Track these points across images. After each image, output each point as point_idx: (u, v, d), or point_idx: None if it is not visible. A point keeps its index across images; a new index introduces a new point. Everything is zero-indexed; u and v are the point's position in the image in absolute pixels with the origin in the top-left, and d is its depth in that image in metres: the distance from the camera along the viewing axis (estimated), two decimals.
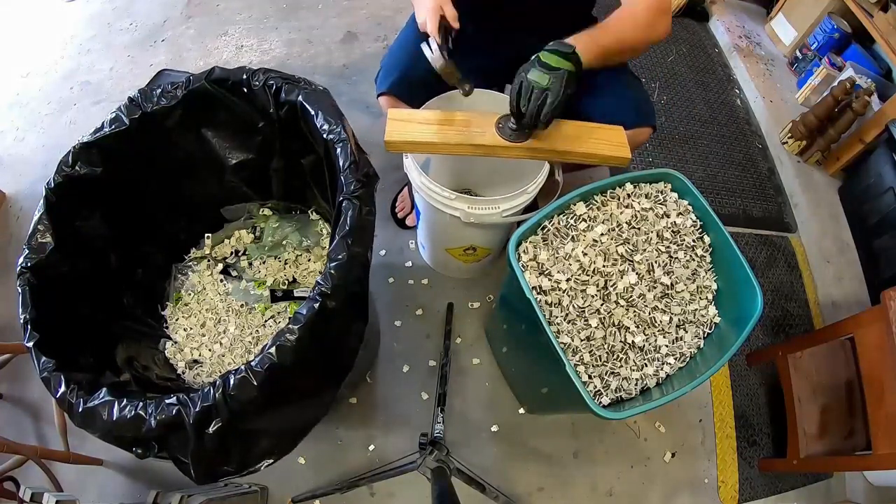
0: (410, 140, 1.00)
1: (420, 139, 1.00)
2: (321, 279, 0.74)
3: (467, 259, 1.37)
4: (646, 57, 2.14)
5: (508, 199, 1.06)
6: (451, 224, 1.13)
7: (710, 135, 1.97)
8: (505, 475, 1.31)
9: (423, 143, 1.01)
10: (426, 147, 1.02)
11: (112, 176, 0.97)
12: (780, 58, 2.20)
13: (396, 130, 1.01)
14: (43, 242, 0.87)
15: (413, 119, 1.03)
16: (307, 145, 1.00)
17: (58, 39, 2.06)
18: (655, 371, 0.91)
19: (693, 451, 1.40)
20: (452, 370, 1.38)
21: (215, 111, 1.02)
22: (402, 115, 1.03)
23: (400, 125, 1.02)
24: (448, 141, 1.01)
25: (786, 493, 1.39)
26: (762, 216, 1.81)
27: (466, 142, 1.01)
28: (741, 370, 1.52)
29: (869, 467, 1.21)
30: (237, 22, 2.10)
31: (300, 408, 0.85)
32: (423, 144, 1.01)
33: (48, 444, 1.29)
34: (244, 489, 1.19)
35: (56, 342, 0.81)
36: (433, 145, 1.01)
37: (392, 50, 1.21)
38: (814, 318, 1.63)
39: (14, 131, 1.84)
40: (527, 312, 0.89)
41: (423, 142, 1.01)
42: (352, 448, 1.31)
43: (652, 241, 0.96)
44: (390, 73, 1.15)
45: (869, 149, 1.70)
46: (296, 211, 1.28)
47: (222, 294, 1.21)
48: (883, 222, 1.61)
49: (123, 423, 0.71)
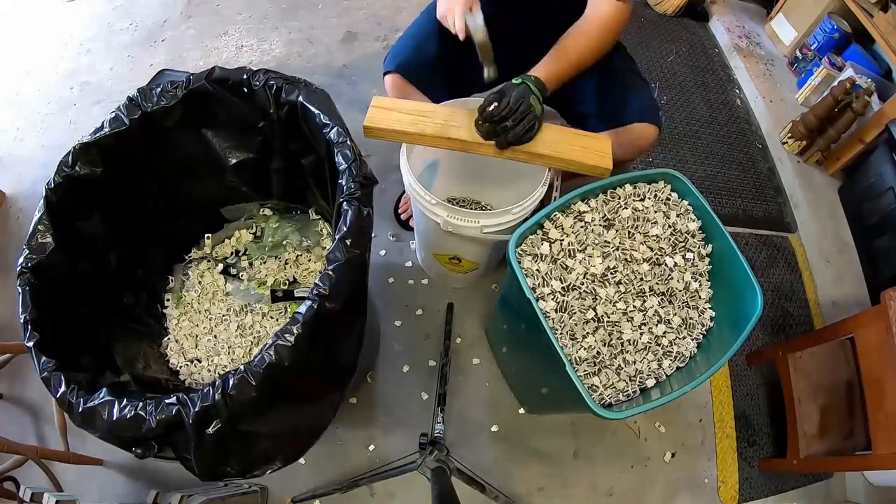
0: (388, 128, 1.01)
1: (398, 128, 1.01)
2: (320, 281, 0.74)
3: (453, 269, 1.36)
4: (646, 57, 2.14)
5: (490, 215, 1.04)
6: (434, 229, 1.12)
7: (710, 135, 1.97)
8: (505, 475, 1.31)
9: (401, 133, 1.01)
10: (403, 136, 1.02)
11: (112, 176, 0.97)
12: (780, 58, 2.20)
13: (377, 117, 1.02)
14: (43, 242, 0.87)
15: (395, 108, 1.04)
16: (307, 145, 1.00)
17: (58, 39, 2.06)
18: (655, 371, 0.91)
19: (693, 451, 1.40)
20: (452, 370, 1.38)
21: (215, 111, 1.02)
22: (385, 103, 1.04)
23: (381, 112, 1.02)
24: (424, 132, 1.01)
25: (786, 493, 1.39)
26: (762, 216, 1.81)
27: (442, 134, 1.01)
28: (741, 370, 1.52)
29: (869, 467, 1.21)
30: (237, 22, 2.10)
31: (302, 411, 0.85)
32: (400, 133, 1.02)
33: (48, 444, 1.29)
34: (244, 489, 1.19)
35: (56, 342, 0.81)
36: (410, 135, 1.02)
37: (406, 33, 1.22)
38: (814, 318, 1.63)
39: (14, 131, 1.84)
40: (527, 312, 0.89)
41: (400, 130, 1.01)
42: (352, 448, 1.31)
43: (651, 241, 0.96)
44: (400, 54, 1.16)
45: (869, 149, 1.70)
46: (296, 211, 1.28)
47: (222, 294, 1.21)
48: (883, 222, 1.61)
49: (123, 423, 0.71)
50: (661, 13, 2.30)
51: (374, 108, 1.03)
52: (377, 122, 1.01)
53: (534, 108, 0.95)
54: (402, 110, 1.03)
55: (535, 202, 1.07)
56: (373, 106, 1.03)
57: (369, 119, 1.01)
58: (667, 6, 2.28)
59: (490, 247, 1.25)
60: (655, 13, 2.32)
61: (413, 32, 1.20)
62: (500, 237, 1.09)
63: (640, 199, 0.99)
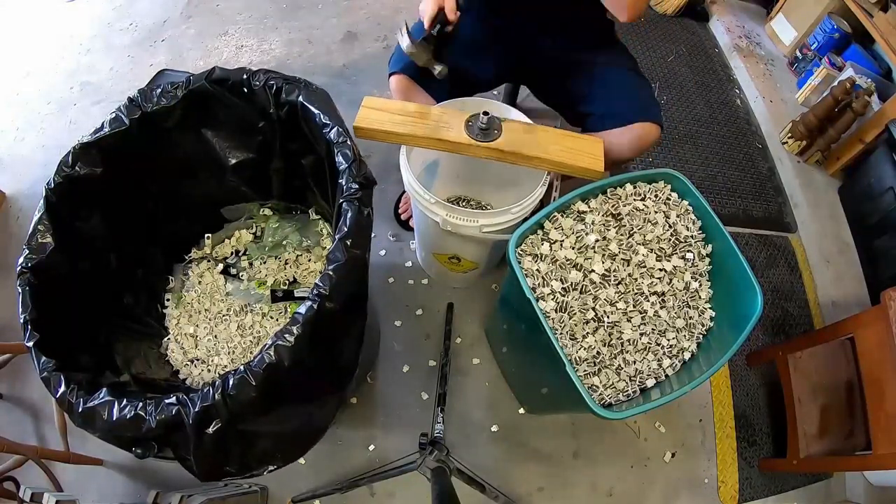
0: (379, 128, 1.02)
1: (388, 128, 1.02)
2: (320, 281, 0.74)
3: (453, 268, 1.36)
4: (646, 57, 2.14)
5: (489, 215, 1.05)
6: (433, 228, 1.12)
7: (710, 135, 1.97)
8: (505, 475, 1.31)
9: (391, 133, 1.02)
10: (393, 137, 1.03)
11: (112, 176, 0.97)
12: (780, 58, 2.20)
13: (367, 117, 1.02)
14: (43, 242, 0.87)
15: (386, 109, 1.04)
16: (307, 145, 1.00)
17: (58, 39, 2.06)
18: (655, 371, 0.91)
19: (693, 451, 1.40)
20: (452, 370, 1.38)
21: (215, 111, 1.02)
22: (376, 103, 1.05)
23: (372, 113, 1.03)
24: (415, 133, 1.02)
25: (786, 493, 1.38)
26: (762, 216, 1.81)
27: (432, 135, 1.02)
28: (741, 370, 1.52)
29: (869, 467, 1.21)
30: (237, 22, 2.10)
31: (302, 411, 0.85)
32: (391, 134, 1.02)
33: (48, 444, 1.29)
34: (244, 489, 1.19)
35: (56, 342, 0.81)
36: (400, 136, 1.03)
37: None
38: (814, 318, 1.63)
39: (14, 131, 1.84)
40: (527, 312, 0.89)
41: (391, 131, 1.02)
42: (352, 448, 1.31)
43: (651, 241, 0.96)
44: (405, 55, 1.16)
45: (869, 149, 1.70)
46: (296, 211, 1.28)
47: (223, 294, 1.21)
48: (883, 222, 1.61)
49: (123, 423, 0.71)
50: (661, 13, 2.31)
51: (364, 108, 1.04)
52: (367, 122, 1.02)
53: None
54: (393, 111, 1.04)
55: (535, 202, 1.07)
56: (363, 106, 1.04)
57: (360, 119, 1.02)
58: (667, 6, 2.28)
59: (489, 246, 1.25)
60: (655, 13, 2.32)
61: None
62: (499, 237, 1.09)
63: (640, 199, 0.99)
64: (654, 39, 2.21)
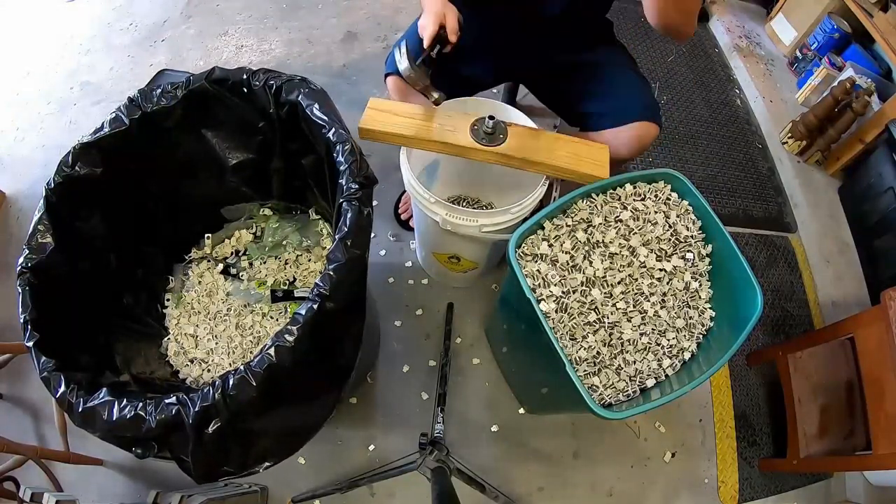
0: (384, 130, 1.01)
1: (393, 130, 1.02)
2: (320, 281, 0.74)
3: (453, 268, 1.36)
4: (646, 57, 2.14)
5: (489, 214, 1.05)
6: (433, 228, 1.12)
7: (710, 135, 1.97)
8: (505, 475, 1.31)
9: (396, 135, 1.02)
10: (398, 139, 1.03)
11: (112, 176, 0.97)
12: (780, 58, 2.20)
13: (373, 119, 1.02)
14: (43, 242, 0.87)
15: (391, 111, 1.04)
16: (307, 145, 1.00)
17: (58, 39, 2.06)
18: (655, 371, 0.91)
19: (693, 451, 1.40)
20: (452, 370, 1.38)
21: (215, 111, 1.02)
22: (381, 105, 1.05)
23: (377, 115, 1.03)
24: (420, 136, 1.02)
25: (786, 493, 1.39)
26: (762, 216, 1.81)
27: (438, 139, 1.01)
28: (741, 370, 1.52)
29: (869, 467, 1.21)
30: (237, 22, 2.10)
31: (301, 410, 0.85)
32: (395, 136, 1.02)
33: (48, 444, 1.29)
34: (244, 489, 1.19)
35: (56, 342, 0.81)
36: (405, 138, 1.02)
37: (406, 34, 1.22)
38: (814, 318, 1.63)
39: (14, 131, 1.84)
40: (527, 312, 0.89)
41: (396, 133, 1.02)
42: (352, 448, 1.31)
43: (651, 241, 0.96)
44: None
45: (869, 149, 1.70)
46: (296, 211, 1.28)
47: (223, 294, 1.21)
48: (883, 222, 1.61)
49: (123, 423, 0.71)
50: None
51: (370, 109, 1.03)
52: (373, 123, 1.02)
53: None
54: (399, 113, 1.04)
55: (535, 202, 1.07)
56: (369, 108, 1.04)
57: (365, 121, 1.02)
58: None
59: (489, 246, 1.25)
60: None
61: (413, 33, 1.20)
62: (498, 237, 1.09)
63: (640, 199, 0.99)
64: (654, 39, 2.21)
